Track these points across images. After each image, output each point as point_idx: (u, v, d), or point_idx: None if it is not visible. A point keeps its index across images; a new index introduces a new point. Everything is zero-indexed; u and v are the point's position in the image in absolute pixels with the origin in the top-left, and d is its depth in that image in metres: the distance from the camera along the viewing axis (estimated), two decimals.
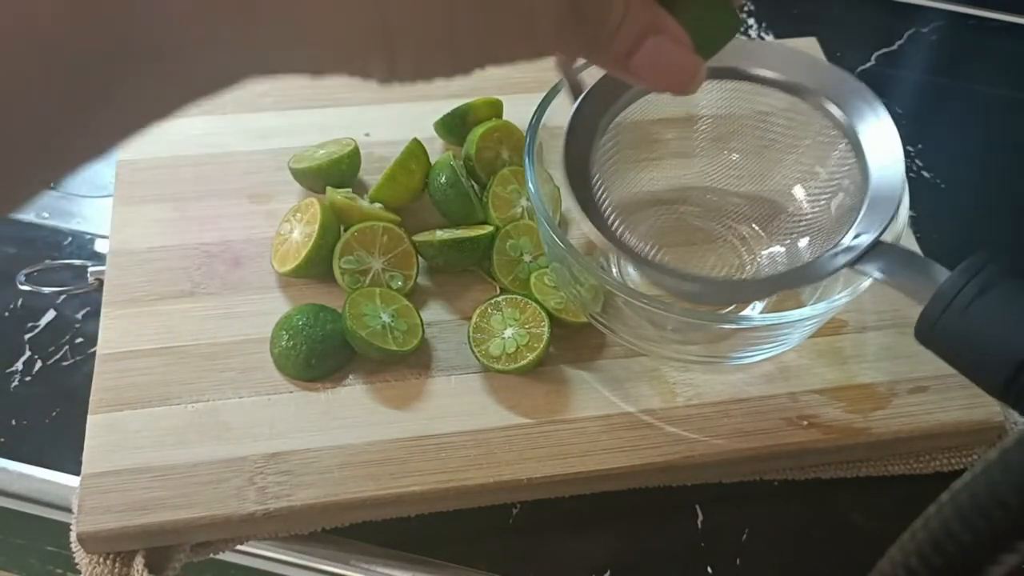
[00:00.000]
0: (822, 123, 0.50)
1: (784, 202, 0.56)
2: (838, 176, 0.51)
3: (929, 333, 0.38)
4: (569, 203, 0.46)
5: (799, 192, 0.55)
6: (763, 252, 0.57)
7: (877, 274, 0.42)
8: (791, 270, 0.47)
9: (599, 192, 0.47)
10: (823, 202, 0.53)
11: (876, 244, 0.43)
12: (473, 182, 0.60)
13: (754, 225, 0.57)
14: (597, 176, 0.47)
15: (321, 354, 0.53)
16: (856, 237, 0.44)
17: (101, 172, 0.70)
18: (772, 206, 0.56)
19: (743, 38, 0.37)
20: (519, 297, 0.55)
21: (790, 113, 0.51)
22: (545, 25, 0.28)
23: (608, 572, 0.52)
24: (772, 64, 0.49)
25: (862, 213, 0.45)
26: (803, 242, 0.54)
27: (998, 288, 0.37)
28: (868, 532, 0.54)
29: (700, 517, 0.54)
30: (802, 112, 0.50)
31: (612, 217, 0.48)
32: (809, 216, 0.54)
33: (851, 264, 0.43)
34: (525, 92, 0.65)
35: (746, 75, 0.49)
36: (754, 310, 0.57)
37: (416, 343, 0.54)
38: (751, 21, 0.82)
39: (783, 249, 0.55)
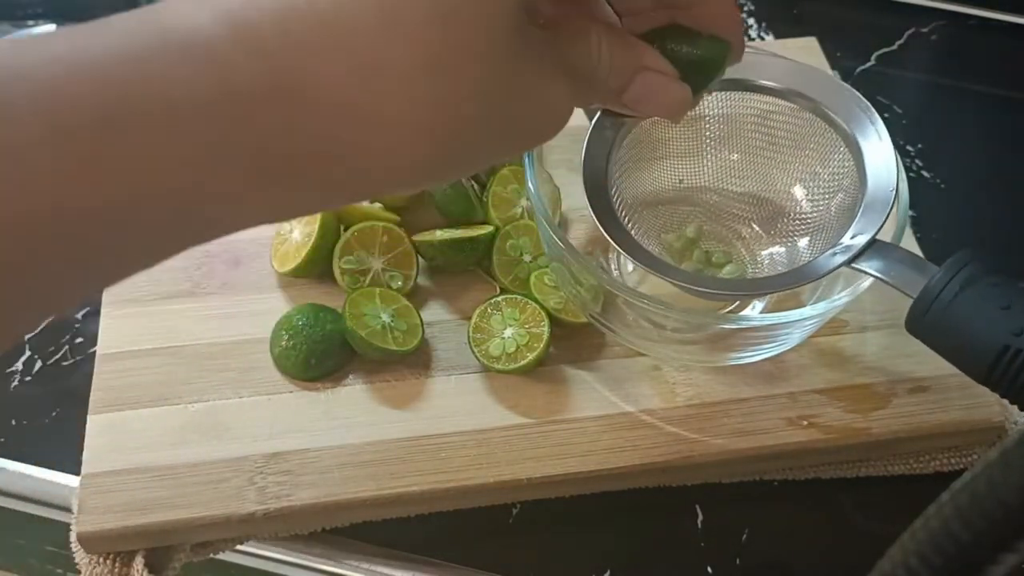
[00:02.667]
0: (823, 127, 0.51)
1: (785, 202, 0.56)
2: (839, 176, 0.51)
3: (918, 325, 0.42)
4: (593, 220, 0.49)
5: (799, 192, 0.55)
6: (763, 252, 0.57)
7: (873, 272, 0.45)
8: (794, 269, 0.49)
9: (617, 203, 0.50)
10: (823, 202, 0.53)
11: (872, 243, 0.46)
12: (473, 182, 0.60)
13: (755, 225, 0.57)
14: (615, 189, 0.50)
15: (321, 354, 0.53)
16: (853, 237, 0.46)
17: None
18: (773, 206, 0.56)
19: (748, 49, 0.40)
20: (519, 297, 0.55)
21: (792, 116, 0.52)
22: (563, 109, 0.32)
23: (608, 572, 0.52)
24: (774, 75, 0.51)
25: (859, 214, 0.47)
26: (803, 242, 0.54)
27: (980, 283, 0.40)
28: (868, 532, 0.54)
29: (700, 517, 0.54)
30: (803, 116, 0.51)
31: (629, 225, 0.50)
32: (809, 216, 0.54)
33: (848, 263, 0.45)
34: None
35: (751, 86, 0.52)
36: (754, 310, 0.57)
37: (416, 343, 0.54)
38: (751, 21, 0.82)
39: (783, 249, 0.55)
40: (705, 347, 0.53)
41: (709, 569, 0.52)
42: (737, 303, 0.57)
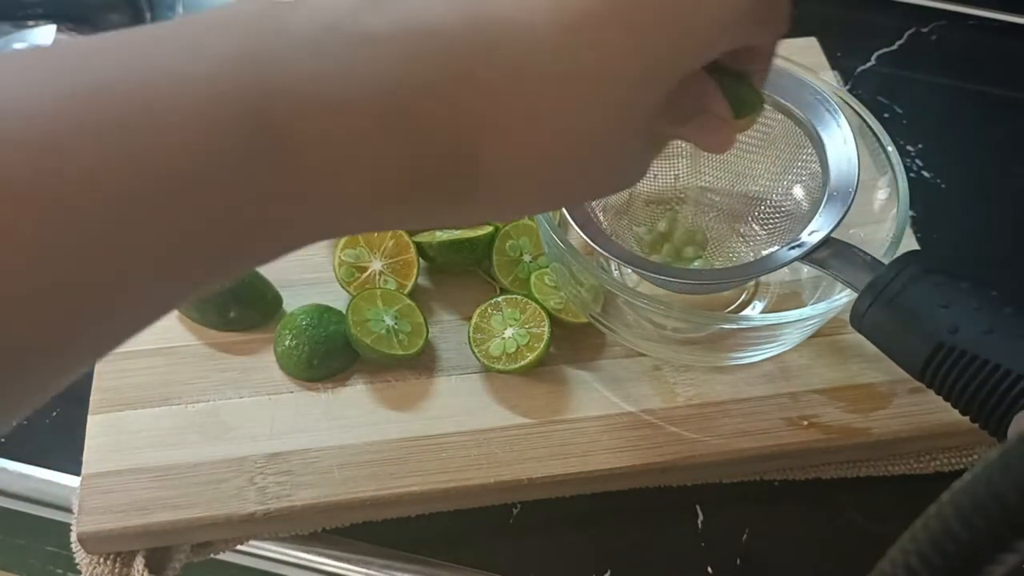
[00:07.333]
0: (793, 128, 0.52)
1: (783, 200, 0.56)
2: (804, 178, 0.52)
3: (860, 320, 0.43)
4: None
5: (799, 191, 0.55)
6: (763, 252, 0.57)
7: (822, 268, 0.46)
8: (750, 262, 0.51)
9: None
10: (792, 204, 0.53)
11: (826, 240, 0.46)
12: None
13: (754, 225, 0.57)
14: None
15: (324, 355, 0.53)
16: (811, 234, 0.47)
17: None
18: (772, 205, 0.56)
19: None
20: (519, 297, 0.55)
21: (780, 116, 0.52)
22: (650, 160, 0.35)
23: (608, 572, 0.52)
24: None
25: (820, 211, 0.48)
26: (774, 243, 0.54)
27: (923, 282, 0.41)
28: (868, 532, 0.54)
29: (700, 517, 0.54)
30: (774, 118, 0.52)
31: (603, 217, 0.51)
32: (780, 218, 0.54)
33: (802, 258, 0.47)
34: None
35: None
36: (754, 310, 0.57)
37: (422, 343, 0.54)
38: None
39: (752, 252, 0.55)
40: (705, 347, 0.53)
41: (709, 569, 0.52)
42: (737, 303, 0.57)
